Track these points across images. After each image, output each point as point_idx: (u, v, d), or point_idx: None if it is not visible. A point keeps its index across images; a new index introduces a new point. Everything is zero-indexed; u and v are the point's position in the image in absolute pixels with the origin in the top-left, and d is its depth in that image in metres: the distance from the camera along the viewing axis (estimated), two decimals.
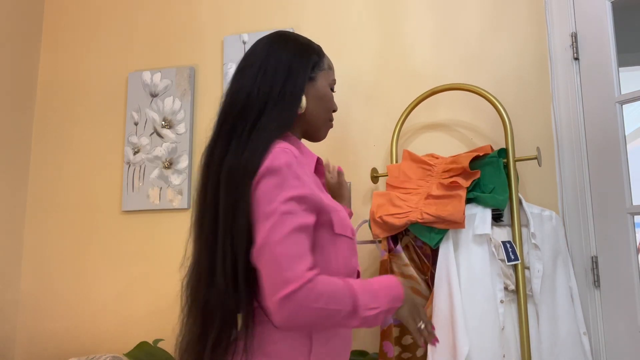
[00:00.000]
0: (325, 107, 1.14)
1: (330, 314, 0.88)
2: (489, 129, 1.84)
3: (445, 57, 1.93)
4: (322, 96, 1.13)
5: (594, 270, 1.62)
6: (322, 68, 1.15)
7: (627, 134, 1.69)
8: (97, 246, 2.15)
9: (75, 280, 2.15)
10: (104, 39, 2.32)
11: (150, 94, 2.18)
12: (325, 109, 1.14)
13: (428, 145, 1.88)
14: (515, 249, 1.50)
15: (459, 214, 1.46)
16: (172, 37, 2.23)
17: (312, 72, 1.11)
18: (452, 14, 1.95)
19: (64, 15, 2.38)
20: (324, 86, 1.14)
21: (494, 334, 1.44)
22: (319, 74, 1.13)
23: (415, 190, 1.61)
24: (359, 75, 2.00)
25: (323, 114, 1.14)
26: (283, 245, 0.88)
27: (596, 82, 1.68)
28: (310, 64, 1.11)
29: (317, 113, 1.12)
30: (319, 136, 1.16)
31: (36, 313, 2.16)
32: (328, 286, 0.88)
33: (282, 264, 0.86)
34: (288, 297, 0.84)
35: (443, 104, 1.89)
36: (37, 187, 2.27)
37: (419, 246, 1.64)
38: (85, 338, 2.10)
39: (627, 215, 1.56)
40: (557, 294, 1.56)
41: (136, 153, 2.16)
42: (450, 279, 1.48)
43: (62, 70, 2.34)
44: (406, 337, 1.57)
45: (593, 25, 1.70)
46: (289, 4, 2.12)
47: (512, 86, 1.84)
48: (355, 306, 0.90)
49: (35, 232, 2.23)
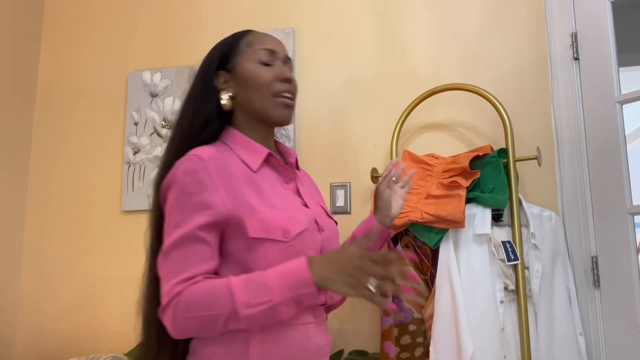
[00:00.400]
0: (255, 86, 1.04)
1: (209, 320, 0.87)
2: (489, 129, 1.84)
3: (445, 57, 1.93)
4: (247, 78, 1.05)
5: (594, 270, 1.62)
6: (239, 51, 1.08)
7: (627, 134, 1.69)
8: (97, 246, 2.15)
9: (75, 280, 2.15)
10: (104, 39, 2.32)
11: (150, 94, 2.19)
12: (255, 88, 1.04)
13: (428, 145, 1.88)
14: (515, 249, 1.50)
15: (458, 214, 1.46)
16: (172, 37, 2.24)
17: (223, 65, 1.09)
18: (452, 14, 1.95)
19: (64, 15, 2.38)
20: (248, 67, 1.06)
21: (494, 334, 1.44)
22: (236, 60, 1.07)
23: (415, 190, 1.62)
24: (359, 75, 2.00)
25: (257, 95, 1.04)
26: (164, 262, 0.92)
27: (596, 82, 1.68)
28: (215, 61, 1.10)
29: (249, 97, 1.05)
30: (272, 118, 1.05)
31: (36, 313, 2.16)
32: (199, 294, 0.88)
33: (161, 281, 0.92)
34: (162, 312, 0.90)
35: (443, 104, 1.89)
36: (37, 187, 2.27)
37: (418, 246, 1.64)
38: (85, 338, 2.10)
39: (627, 215, 1.56)
40: (555, 294, 1.56)
41: (136, 153, 2.16)
42: (452, 279, 1.48)
43: (62, 70, 2.34)
44: (405, 336, 1.57)
45: (593, 25, 1.70)
46: (289, 4, 2.12)
47: (512, 86, 1.84)
48: (234, 307, 0.86)
49: (35, 232, 2.23)
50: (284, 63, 1.09)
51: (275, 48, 1.08)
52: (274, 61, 1.07)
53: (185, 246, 0.92)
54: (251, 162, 1.02)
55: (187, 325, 0.88)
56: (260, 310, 0.86)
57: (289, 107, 1.06)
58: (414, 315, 1.57)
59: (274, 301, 0.86)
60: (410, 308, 1.57)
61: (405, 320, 1.57)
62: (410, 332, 1.57)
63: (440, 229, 1.52)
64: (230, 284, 0.88)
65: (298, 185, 1.09)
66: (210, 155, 0.97)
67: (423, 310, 1.57)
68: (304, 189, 1.11)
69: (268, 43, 1.09)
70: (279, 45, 1.10)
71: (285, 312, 0.88)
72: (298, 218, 0.98)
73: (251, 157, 1.03)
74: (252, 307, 0.86)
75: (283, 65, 1.08)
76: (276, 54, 1.08)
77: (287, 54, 1.12)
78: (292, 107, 1.07)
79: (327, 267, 0.87)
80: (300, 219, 0.98)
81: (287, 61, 1.11)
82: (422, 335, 1.57)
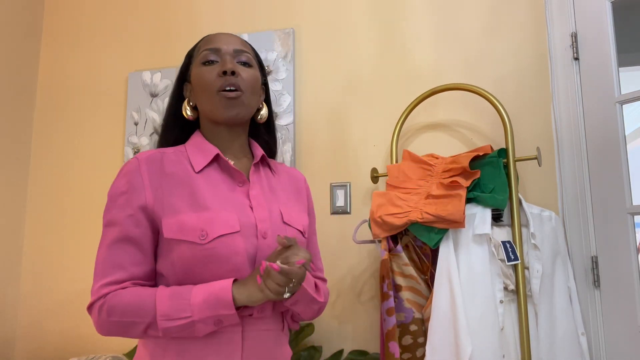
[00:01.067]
0: (202, 87, 1.03)
1: (130, 325, 0.91)
2: (489, 129, 1.84)
3: (445, 57, 1.93)
4: (195, 84, 1.06)
5: (594, 270, 1.62)
6: (193, 59, 1.10)
7: (627, 134, 1.69)
8: (97, 246, 2.15)
9: (75, 280, 2.15)
10: (104, 39, 2.32)
11: (150, 94, 2.19)
12: (202, 89, 1.03)
13: (428, 145, 1.88)
14: (515, 249, 1.50)
15: (459, 214, 1.46)
16: (172, 37, 2.24)
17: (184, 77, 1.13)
18: (452, 14, 1.95)
19: (64, 15, 2.38)
20: (195, 72, 1.06)
21: (494, 334, 1.44)
22: (191, 69, 1.09)
23: (415, 190, 1.62)
24: (359, 75, 2.00)
25: (204, 97, 1.03)
26: (96, 259, 0.97)
27: (596, 82, 1.68)
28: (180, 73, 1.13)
29: (201, 102, 1.05)
30: (219, 117, 1.03)
31: (36, 313, 2.17)
32: (123, 301, 0.91)
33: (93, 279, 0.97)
34: (88, 309, 0.95)
35: (443, 104, 1.89)
36: (37, 187, 2.27)
37: (418, 246, 1.64)
38: (85, 338, 2.10)
39: (627, 215, 1.56)
40: (555, 294, 1.56)
41: (136, 153, 2.16)
42: (451, 278, 1.48)
43: (62, 70, 2.34)
44: (406, 337, 1.57)
45: (593, 25, 1.70)
46: (289, 4, 2.12)
47: (512, 86, 1.84)
48: (154, 318, 0.89)
49: (35, 232, 2.23)
50: (233, 57, 1.05)
51: (220, 45, 1.05)
52: (219, 58, 1.05)
53: (114, 246, 0.95)
54: (197, 163, 1.02)
55: (109, 326, 0.92)
56: (178, 325, 0.89)
57: (231, 100, 1.02)
58: (414, 316, 1.57)
59: (193, 318, 0.88)
60: (410, 308, 1.57)
61: (406, 321, 1.57)
62: (411, 332, 1.57)
63: (440, 229, 1.52)
64: (156, 295, 0.91)
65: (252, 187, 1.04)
66: (147, 157, 1.00)
67: (423, 310, 1.57)
68: (262, 191, 1.06)
69: (212, 42, 1.06)
70: (225, 41, 1.06)
71: (202, 330, 0.90)
72: (227, 220, 0.96)
73: (198, 158, 1.03)
74: (171, 320, 0.89)
75: (231, 59, 1.04)
76: (221, 51, 1.05)
77: (239, 47, 1.07)
78: (235, 99, 1.02)
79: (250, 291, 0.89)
80: (229, 222, 0.96)
81: (239, 54, 1.06)
82: (423, 335, 1.57)
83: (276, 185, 1.11)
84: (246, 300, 0.89)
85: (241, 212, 0.99)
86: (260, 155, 1.10)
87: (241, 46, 1.08)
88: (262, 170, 1.10)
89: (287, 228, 1.04)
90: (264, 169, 1.12)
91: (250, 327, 0.97)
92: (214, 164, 1.04)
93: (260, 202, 1.03)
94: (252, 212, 1.00)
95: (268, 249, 0.98)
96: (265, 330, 0.99)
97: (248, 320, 0.97)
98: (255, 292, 0.89)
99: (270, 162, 1.13)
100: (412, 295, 1.58)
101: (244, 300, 0.89)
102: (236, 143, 1.09)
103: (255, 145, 1.13)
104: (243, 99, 1.03)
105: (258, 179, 1.07)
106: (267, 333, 1.00)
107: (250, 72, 1.06)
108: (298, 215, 1.10)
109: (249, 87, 1.05)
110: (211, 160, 1.04)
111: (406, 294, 1.58)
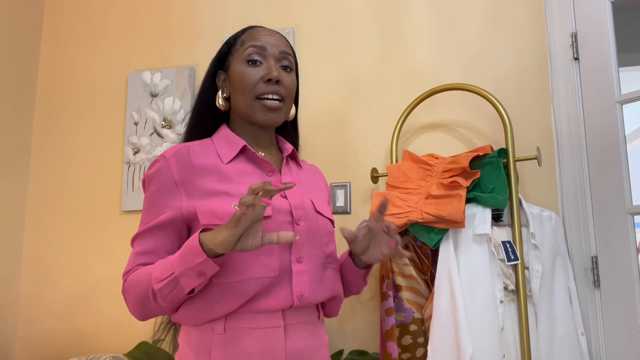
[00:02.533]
0: (242, 88, 1.03)
1: (143, 298, 0.93)
2: (489, 129, 1.84)
3: (445, 57, 1.93)
4: (234, 80, 1.04)
5: (594, 270, 1.62)
6: (234, 51, 1.07)
7: (627, 134, 1.69)
8: (97, 246, 2.15)
9: (75, 281, 2.15)
10: (104, 39, 2.32)
11: (150, 94, 2.19)
12: (242, 90, 1.03)
13: (428, 145, 1.88)
14: (515, 249, 1.50)
15: (458, 214, 1.46)
16: (172, 37, 2.24)
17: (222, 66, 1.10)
18: (452, 14, 1.95)
19: (64, 15, 2.38)
20: (236, 68, 1.05)
21: (494, 334, 1.44)
22: (230, 60, 1.07)
23: (415, 190, 1.62)
24: (359, 75, 2.00)
25: (242, 97, 1.03)
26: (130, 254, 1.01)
27: (596, 82, 1.68)
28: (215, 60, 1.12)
29: (237, 99, 1.05)
30: (255, 121, 1.04)
31: (36, 313, 2.17)
32: (136, 276, 0.95)
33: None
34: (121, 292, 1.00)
35: (443, 104, 1.89)
36: (37, 187, 2.27)
37: (418, 246, 1.64)
38: (85, 338, 2.10)
39: (627, 215, 1.56)
40: (555, 294, 1.56)
41: (136, 153, 2.16)
42: (452, 278, 1.48)
43: (62, 70, 2.34)
44: (405, 337, 1.57)
45: (593, 25, 1.70)
46: (289, 4, 2.12)
47: (512, 86, 1.84)
48: (150, 283, 0.91)
49: (35, 232, 2.23)
50: (277, 60, 1.04)
51: (266, 44, 1.04)
52: (264, 59, 1.03)
53: (141, 242, 0.98)
54: (225, 154, 1.03)
55: (132, 304, 0.96)
56: (166, 283, 0.89)
57: (271, 110, 1.02)
58: (414, 315, 1.57)
59: (175, 273, 0.88)
60: (410, 308, 1.57)
61: (405, 321, 1.57)
62: (411, 332, 1.57)
63: (440, 229, 1.52)
64: (154, 265, 0.93)
65: (284, 177, 1.06)
66: (174, 153, 1.00)
67: (423, 310, 1.57)
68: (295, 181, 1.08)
69: (259, 39, 1.04)
70: (272, 40, 1.05)
71: (188, 283, 0.89)
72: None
73: (226, 150, 1.04)
74: (160, 281, 0.90)
75: (274, 63, 1.03)
76: (266, 51, 1.03)
77: (284, 48, 1.06)
78: (276, 109, 1.03)
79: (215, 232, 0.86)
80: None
81: (284, 57, 1.05)
82: (423, 336, 1.57)
83: (304, 177, 1.14)
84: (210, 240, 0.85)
85: (274, 198, 0.99)
86: (290, 149, 1.12)
87: (285, 47, 1.06)
88: (291, 163, 1.13)
89: (319, 217, 1.05)
90: (293, 163, 1.14)
91: (291, 321, 0.98)
92: (241, 156, 1.05)
93: (294, 191, 1.04)
94: (286, 200, 1.01)
95: (302, 235, 0.99)
96: (304, 322, 1.00)
97: (288, 313, 0.98)
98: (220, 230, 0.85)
99: (296, 157, 1.16)
100: (412, 296, 1.58)
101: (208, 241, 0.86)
102: (265, 138, 1.10)
103: (282, 140, 1.15)
104: (283, 108, 1.05)
105: (289, 171, 1.09)
106: (306, 325, 1.00)
107: (292, 78, 1.06)
108: (327, 206, 1.13)
109: (290, 95, 1.06)
110: (239, 153, 1.05)
111: (406, 294, 1.58)
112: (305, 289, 0.98)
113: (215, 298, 0.94)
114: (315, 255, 1.01)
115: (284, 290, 0.96)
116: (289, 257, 0.98)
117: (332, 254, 1.06)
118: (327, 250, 1.04)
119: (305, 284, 0.98)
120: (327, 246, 1.05)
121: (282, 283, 0.96)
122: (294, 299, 0.96)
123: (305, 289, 0.98)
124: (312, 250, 1.01)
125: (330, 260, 1.05)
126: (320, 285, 1.01)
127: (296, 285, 0.97)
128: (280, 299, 0.95)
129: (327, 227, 1.06)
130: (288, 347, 0.96)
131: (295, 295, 0.97)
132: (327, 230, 1.06)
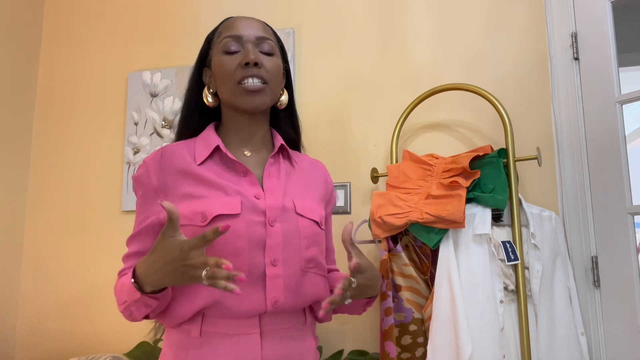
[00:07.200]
0: (222, 77, 1.01)
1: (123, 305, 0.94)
2: (489, 129, 1.84)
3: (445, 57, 1.93)
4: (217, 72, 1.03)
5: (594, 270, 1.62)
6: (213, 44, 1.06)
7: (627, 134, 1.69)
8: (97, 246, 2.15)
9: (75, 280, 2.15)
10: (104, 39, 2.32)
11: (150, 94, 2.19)
12: (222, 80, 1.01)
13: (428, 145, 1.88)
14: (515, 249, 1.50)
15: (459, 214, 1.46)
16: (172, 37, 2.24)
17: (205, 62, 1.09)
18: (452, 14, 1.95)
19: (64, 15, 2.38)
20: (216, 60, 1.03)
21: (494, 334, 1.44)
22: (211, 54, 1.06)
23: (415, 190, 1.62)
24: (359, 75, 2.00)
25: (225, 87, 1.01)
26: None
27: (596, 82, 1.68)
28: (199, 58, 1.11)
29: (222, 91, 1.03)
30: (239, 106, 1.01)
31: (36, 313, 2.17)
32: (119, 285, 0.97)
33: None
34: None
35: (443, 104, 1.89)
36: (37, 187, 2.27)
37: (418, 246, 1.64)
38: (85, 338, 2.10)
39: (627, 215, 1.56)
40: (555, 294, 1.56)
41: (136, 153, 2.16)
42: (452, 279, 1.48)
43: (62, 70, 2.34)
44: (405, 337, 1.57)
45: (593, 25, 1.70)
46: (289, 4, 2.12)
47: (512, 86, 1.84)
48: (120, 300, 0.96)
49: (35, 232, 2.23)
50: (255, 45, 1.01)
51: (242, 32, 1.01)
52: (242, 47, 1.01)
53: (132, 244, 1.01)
54: (199, 155, 1.02)
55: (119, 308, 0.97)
56: (124, 307, 0.93)
57: (253, 92, 0.99)
58: (414, 315, 1.57)
59: (128, 302, 0.91)
60: (410, 308, 1.57)
61: (405, 321, 1.57)
62: (411, 332, 1.57)
63: (440, 230, 1.51)
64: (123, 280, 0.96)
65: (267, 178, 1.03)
66: (152, 158, 1.02)
67: (423, 310, 1.57)
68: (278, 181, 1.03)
69: (234, 28, 1.02)
70: (247, 27, 1.02)
71: (138, 313, 0.93)
72: (226, 203, 0.94)
73: (201, 150, 1.03)
74: (122, 303, 0.94)
75: (253, 48, 1.01)
76: (242, 39, 1.01)
77: (262, 34, 1.03)
78: (258, 91, 0.99)
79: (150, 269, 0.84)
80: (228, 204, 0.94)
81: (262, 41, 1.02)
82: (422, 335, 1.57)
83: (295, 175, 1.09)
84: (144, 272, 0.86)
85: (244, 198, 0.96)
86: (278, 145, 1.08)
87: (263, 33, 1.04)
88: (281, 160, 1.08)
89: (300, 219, 1.00)
90: (284, 160, 1.10)
91: (268, 327, 0.95)
92: (215, 156, 1.03)
93: (274, 192, 1.00)
94: (260, 200, 0.97)
95: (277, 237, 0.95)
96: (287, 328, 0.97)
97: (265, 319, 0.95)
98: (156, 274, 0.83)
99: (291, 153, 1.11)
100: (411, 295, 1.58)
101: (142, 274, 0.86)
102: (258, 134, 1.07)
103: (276, 135, 1.11)
104: (267, 90, 1.01)
105: (275, 170, 1.05)
106: (290, 330, 0.97)
107: (274, 61, 1.03)
108: (315, 206, 1.07)
109: (274, 78, 1.02)
110: (214, 153, 1.03)
111: (406, 294, 1.58)
112: (280, 294, 0.94)
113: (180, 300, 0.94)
114: (291, 259, 0.96)
115: (256, 294, 0.92)
116: (263, 260, 0.94)
117: (312, 258, 1.00)
118: (306, 255, 0.99)
119: (280, 289, 0.94)
120: (308, 250, 0.99)
121: (255, 287, 0.93)
122: (267, 305, 0.93)
123: (279, 294, 0.94)
124: (288, 254, 0.96)
125: (312, 265, 1.00)
126: (297, 291, 0.96)
127: (270, 290, 0.93)
128: (253, 303, 0.92)
129: (309, 229, 1.00)
130: (265, 353, 0.92)
131: (269, 301, 0.93)
132: (308, 233, 1.00)
